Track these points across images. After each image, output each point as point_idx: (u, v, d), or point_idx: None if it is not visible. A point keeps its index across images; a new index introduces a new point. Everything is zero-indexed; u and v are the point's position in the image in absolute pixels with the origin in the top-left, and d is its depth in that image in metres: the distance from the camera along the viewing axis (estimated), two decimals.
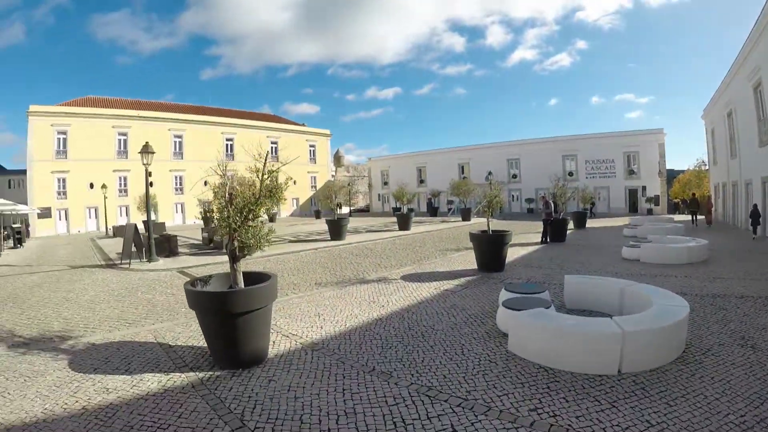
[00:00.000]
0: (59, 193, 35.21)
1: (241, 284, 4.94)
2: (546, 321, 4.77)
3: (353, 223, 28.97)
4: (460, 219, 29.68)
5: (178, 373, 4.62)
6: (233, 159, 43.87)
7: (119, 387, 4.31)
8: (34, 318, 7.26)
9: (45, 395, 4.18)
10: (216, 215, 4.85)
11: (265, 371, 4.63)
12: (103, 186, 30.20)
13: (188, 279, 10.55)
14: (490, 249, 10.12)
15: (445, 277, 9.57)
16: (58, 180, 35.10)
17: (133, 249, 13.90)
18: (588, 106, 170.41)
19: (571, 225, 19.80)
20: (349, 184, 53.36)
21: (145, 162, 13.69)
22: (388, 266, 11.59)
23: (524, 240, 16.59)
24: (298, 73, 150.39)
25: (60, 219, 35.16)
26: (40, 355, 5.35)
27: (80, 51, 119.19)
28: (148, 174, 13.94)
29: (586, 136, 40.77)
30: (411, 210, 28.21)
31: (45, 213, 33.75)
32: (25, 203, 31.24)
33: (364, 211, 57.55)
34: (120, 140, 37.77)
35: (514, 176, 44.53)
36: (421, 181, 51.23)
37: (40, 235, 32.33)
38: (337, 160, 63.50)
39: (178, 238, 16.20)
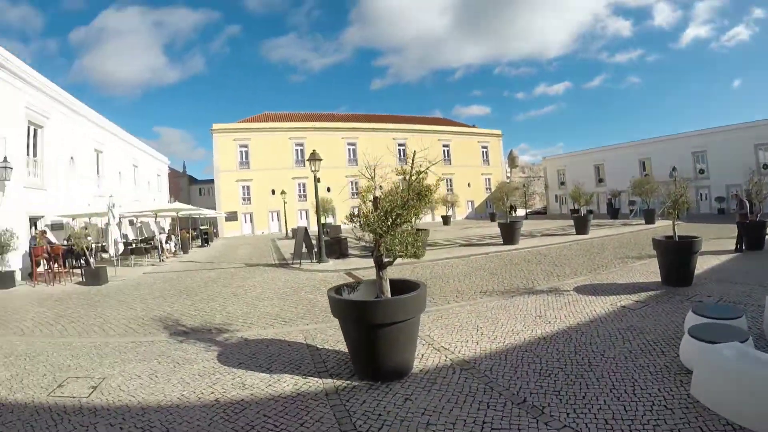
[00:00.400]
0: (243, 199, 40.95)
1: (388, 293, 4.46)
2: (742, 362, 3.28)
3: (528, 226, 27.03)
4: (643, 221, 25.35)
5: (316, 378, 4.36)
6: (406, 163, 45.81)
7: (255, 384, 4.25)
8: (201, 310, 7.96)
9: (186, 383, 4.31)
10: (362, 220, 4.51)
11: (404, 387, 4.05)
12: (283, 192, 34.22)
13: (353, 280, 10.73)
14: (676, 259, 8.36)
15: (624, 290, 8.04)
16: (243, 187, 40.92)
17: (304, 250, 14.92)
18: None
19: None
20: (523, 186, 51.13)
21: (313, 169, 14.59)
22: (561, 275, 10.13)
23: (715, 247, 13.19)
24: (465, 75, 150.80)
25: (245, 222, 40.98)
26: (195, 345, 5.67)
27: (256, 74, 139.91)
28: (317, 180, 14.83)
29: None
30: (590, 212, 25.02)
31: (231, 216, 39.69)
32: (214, 208, 37.42)
33: (541, 213, 54.11)
34: (297, 150, 42.37)
35: (701, 171, 36.87)
36: (600, 180, 45.78)
37: (227, 236, 38.13)
38: (511, 160, 61.44)
39: (349, 240, 16.89)
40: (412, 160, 4.79)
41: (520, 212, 50.09)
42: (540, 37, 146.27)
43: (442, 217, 38.84)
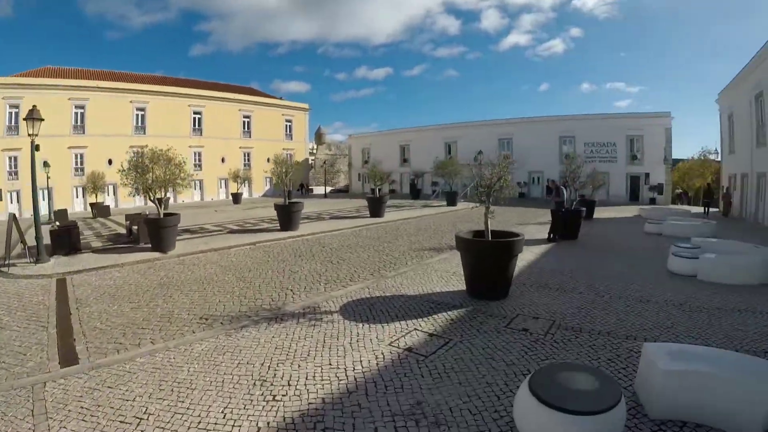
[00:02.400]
0: (10, 173, 30.87)
1: None
2: None
3: (324, 206, 26.06)
4: (445, 203, 26.64)
5: None
6: (201, 134, 40.37)
7: None
8: None
9: None
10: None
11: None
12: (46, 164, 26.02)
13: (66, 289, 7.65)
14: (489, 266, 6.56)
15: (414, 309, 6.18)
16: (9, 158, 30.73)
17: (20, 248, 10.56)
18: (578, 93, 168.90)
19: None
20: (324, 163, 50.11)
21: (30, 132, 10.23)
22: (332, 279, 8.28)
23: (525, 235, 13.56)
24: (290, 51, 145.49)
25: (11, 201, 30.95)
26: None
27: (68, 26, 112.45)
28: (35, 147, 10.43)
29: (586, 117, 37.67)
30: (392, 191, 25.15)
31: None
32: None
33: (343, 191, 53.75)
34: (76, 114, 33.72)
35: (506, 158, 41.40)
36: (405, 161, 47.63)
37: None
38: (318, 137, 59.97)
39: (93, 229, 12.83)
40: None
41: (318, 190, 49.50)
42: (370, 24, 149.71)
43: (233, 194, 35.74)
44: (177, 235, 12.19)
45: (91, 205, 27.65)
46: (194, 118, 40.21)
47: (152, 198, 11.62)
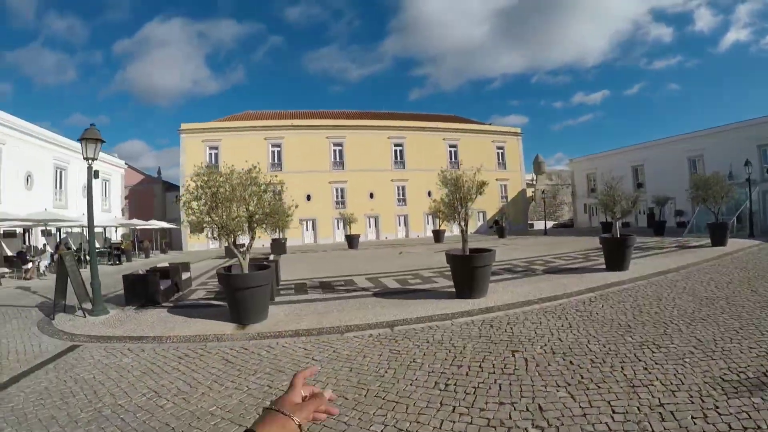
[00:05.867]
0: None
1: None
2: None
3: (538, 247, 19.35)
4: (710, 242, 16.89)
5: None
6: (404, 167, 38.56)
7: None
8: None
9: None
10: None
11: None
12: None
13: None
14: None
15: None
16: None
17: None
18: None
19: None
20: (542, 192, 42.67)
21: (87, 156, 7.99)
22: None
23: None
24: (503, 84, 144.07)
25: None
26: None
27: (296, 85, 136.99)
28: (93, 173, 8.18)
29: None
30: (626, 225, 16.80)
31: (197, 227, 33.68)
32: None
33: (568, 226, 45.91)
34: (273, 152, 36.09)
35: None
36: (639, 185, 36.63)
37: (190, 249, 31.89)
38: (537, 166, 53.04)
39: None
40: None
41: (540, 225, 42.20)
42: (579, 46, 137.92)
43: (434, 232, 30.83)
44: (281, 292, 8.39)
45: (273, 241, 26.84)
46: (395, 151, 38.84)
47: (231, 242, 7.76)
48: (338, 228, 35.66)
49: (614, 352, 5.00)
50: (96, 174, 8.82)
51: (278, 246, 23.82)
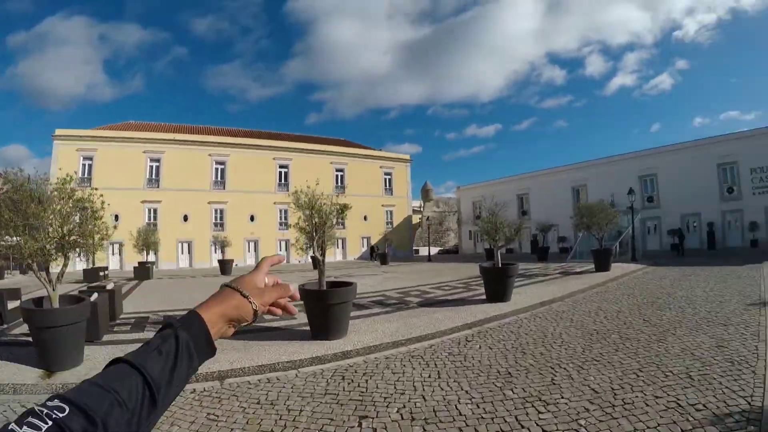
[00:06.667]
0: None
1: None
2: None
3: (420, 275, 18.40)
4: (594, 267, 17.02)
5: None
6: (287, 190, 36.69)
7: None
8: None
9: None
10: None
11: None
12: (116, 217, 23.52)
13: None
14: None
15: None
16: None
17: None
18: (691, 130, 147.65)
19: None
20: (427, 218, 43.76)
21: None
22: None
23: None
24: (400, 114, 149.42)
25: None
26: None
27: (194, 100, 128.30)
28: None
29: (752, 133, 27.85)
30: (509, 251, 16.93)
31: None
32: None
33: (453, 252, 46.97)
34: (151, 167, 32.49)
35: (650, 199, 32.13)
36: (524, 213, 38.59)
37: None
38: (425, 193, 54.10)
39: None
40: None
41: (425, 251, 42.73)
42: (477, 82, 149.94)
43: (312, 258, 29.01)
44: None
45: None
46: (280, 173, 37.10)
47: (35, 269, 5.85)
48: (215, 251, 32.72)
49: (490, 414, 3.99)
50: None
51: (143, 271, 20.80)
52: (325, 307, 6.76)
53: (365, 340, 6.70)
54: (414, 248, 45.49)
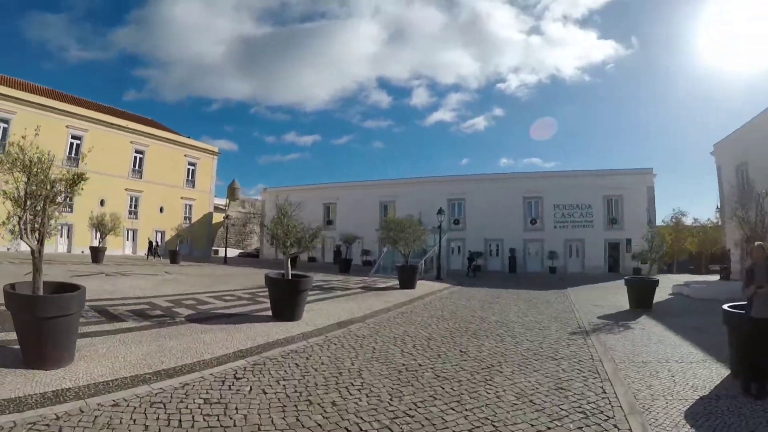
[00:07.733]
0: None
1: None
2: None
3: (211, 281, 15.05)
4: (398, 283, 15.97)
5: None
6: (77, 165, 30.87)
7: None
8: None
9: None
10: None
11: None
12: None
13: None
14: None
15: None
16: None
17: None
18: (496, 167, 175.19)
19: None
20: (226, 217, 39.06)
21: None
22: None
23: None
24: (223, 108, 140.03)
25: None
26: None
27: (6, 49, 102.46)
28: None
29: (555, 174, 33.25)
30: (312, 260, 14.97)
31: None
32: None
33: (254, 256, 43.69)
34: None
35: (456, 222, 34.28)
36: (329, 222, 37.46)
37: None
38: (232, 192, 50.00)
39: None
40: None
41: (231, 252, 40.00)
42: (304, 91, 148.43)
43: (92, 249, 23.77)
44: None
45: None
46: (71, 144, 30.82)
47: None
48: None
49: None
50: None
51: None
52: (33, 324, 4.53)
53: (93, 373, 4.48)
54: (214, 248, 42.58)
